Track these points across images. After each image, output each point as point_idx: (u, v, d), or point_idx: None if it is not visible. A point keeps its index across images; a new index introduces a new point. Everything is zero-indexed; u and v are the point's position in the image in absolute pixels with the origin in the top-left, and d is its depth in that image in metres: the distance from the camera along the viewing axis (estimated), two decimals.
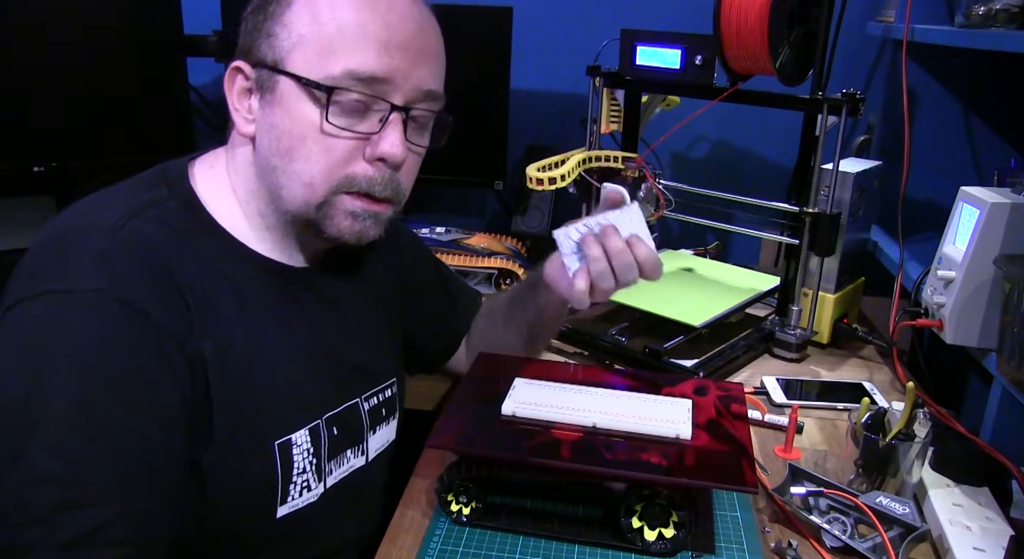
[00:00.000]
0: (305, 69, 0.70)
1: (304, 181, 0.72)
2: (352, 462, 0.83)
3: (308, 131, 0.71)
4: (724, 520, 0.84)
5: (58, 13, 1.32)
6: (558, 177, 1.15)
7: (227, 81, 0.73)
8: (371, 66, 0.70)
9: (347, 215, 0.74)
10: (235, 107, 0.74)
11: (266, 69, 0.71)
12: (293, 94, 0.71)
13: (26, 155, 1.34)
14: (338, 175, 0.73)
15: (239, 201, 0.77)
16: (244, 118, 0.74)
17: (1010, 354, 0.89)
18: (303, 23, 0.70)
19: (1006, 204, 0.95)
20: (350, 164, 0.73)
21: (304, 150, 0.71)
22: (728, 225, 1.29)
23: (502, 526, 0.82)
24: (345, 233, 0.75)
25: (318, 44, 0.69)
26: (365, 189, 0.74)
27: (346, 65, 0.69)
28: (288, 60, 0.70)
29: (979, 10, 1.12)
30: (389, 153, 0.72)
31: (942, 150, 1.40)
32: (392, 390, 0.90)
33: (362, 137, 0.72)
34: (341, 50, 0.69)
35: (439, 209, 1.82)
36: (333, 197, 0.73)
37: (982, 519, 0.83)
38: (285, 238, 0.79)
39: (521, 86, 1.61)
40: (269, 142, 0.73)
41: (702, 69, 1.17)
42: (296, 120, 0.71)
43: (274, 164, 0.73)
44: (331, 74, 0.69)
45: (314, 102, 0.70)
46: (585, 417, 0.84)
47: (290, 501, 0.75)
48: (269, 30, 0.71)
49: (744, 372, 1.20)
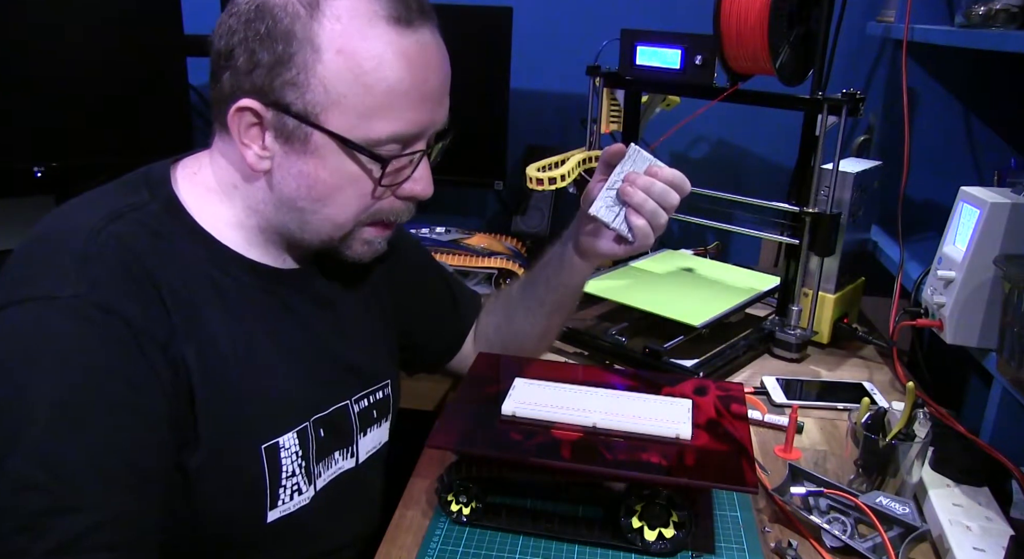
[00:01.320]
0: (346, 129, 0.70)
1: (336, 223, 0.75)
2: (341, 464, 0.83)
3: (347, 184, 0.73)
4: (724, 520, 0.84)
5: (58, 13, 1.32)
6: (558, 177, 1.15)
7: (233, 117, 0.70)
8: (411, 126, 0.72)
9: (364, 243, 0.78)
10: (244, 142, 0.71)
11: (292, 117, 0.69)
12: (331, 150, 0.71)
13: (26, 155, 1.34)
14: (368, 213, 0.76)
15: (234, 213, 0.76)
16: (258, 155, 0.72)
17: (1010, 354, 0.89)
18: (344, 81, 0.68)
19: (1006, 204, 0.95)
20: (380, 202, 0.76)
21: (341, 198, 0.73)
22: (728, 225, 1.29)
23: (502, 526, 0.82)
24: (362, 256, 0.79)
25: (361, 106, 0.69)
26: (391, 221, 0.78)
27: (391, 129, 0.71)
28: (324, 116, 0.69)
29: (979, 10, 1.12)
30: (422, 193, 0.77)
31: (942, 150, 1.40)
32: (385, 391, 0.90)
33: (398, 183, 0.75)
34: (383, 114, 0.70)
35: (439, 209, 1.82)
36: (357, 229, 0.77)
37: (982, 519, 0.83)
38: (278, 245, 0.79)
39: (521, 86, 1.61)
40: (297, 187, 0.73)
41: (702, 69, 1.17)
42: (334, 174, 0.72)
43: (300, 206, 0.74)
44: (373, 137, 0.70)
45: (357, 162, 0.72)
46: (585, 417, 0.84)
47: (281, 505, 0.75)
48: (295, 79, 0.68)
49: (744, 372, 1.20)
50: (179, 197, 0.75)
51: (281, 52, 0.67)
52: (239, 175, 0.75)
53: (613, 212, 0.87)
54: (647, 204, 0.85)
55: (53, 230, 0.70)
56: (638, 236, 0.87)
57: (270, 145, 0.72)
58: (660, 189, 0.86)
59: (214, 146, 0.77)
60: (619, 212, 0.87)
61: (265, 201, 0.75)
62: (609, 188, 0.87)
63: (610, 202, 0.87)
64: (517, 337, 1.02)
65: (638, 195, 0.85)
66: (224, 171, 0.76)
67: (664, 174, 0.86)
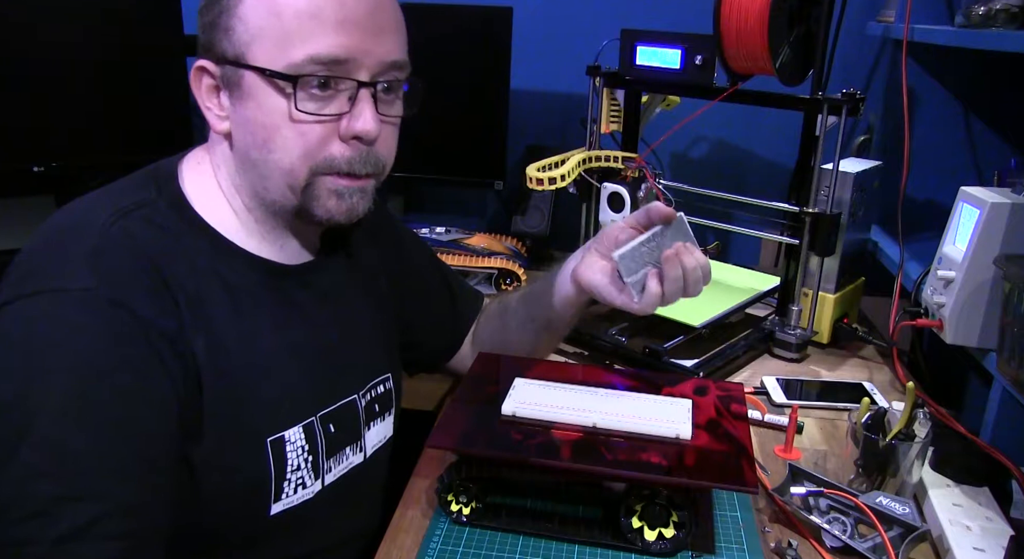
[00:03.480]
0: (267, 61, 0.70)
1: (284, 169, 0.73)
2: (351, 459, 0.84)
3: (280, 121, 0.72)
4: (724, 520, 0.84)
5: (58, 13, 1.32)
6: (558, 177, 1.15)
7: (193, 81, 0.74)
8: (331, 49, 0.70)
9: (332, 194, 0.75)
10: (206, 106, 0.74)
11: (229, 65, 0.72)
12: (259, 87, 0.71)
13: (26, 155, 1.34)
14: (317, 158, 0.73)
15: (226, 198, 0.77)
16: (217, 116, 0.74)
17: (1010, 354, 0.89)
18: (259, 15, 0.70)
19: (1006, 204, 0.95)
20: (326, 146, 0.73)
21: (280, 139, 0.72)
22: (728, 225, 1.29)
23: (502, 526, 0.82)
24: (334, 213, 0.76)
25: (277, 34, 0.70)
26: (345, 169, 0.74)
27: (306, 51, 0.69)
28: (249, 53, 0.71)
29: (979, 10, 1.12)
30: (363, 131, 0.73)
31: (942, 150, 1.40)
32: (387, 385, 0.90)
33: (334, 119, 0.73)
34: (299, 37, 0.69)
35: (439, 209, 1.82)
36: (315, 179, 0.74)
37: (982, 519, 0.83)
38: (275, 231, 0.79)
39: (521, 86, 1.61)
40: (245, 137, 0.74)
41: (702, 69, 1.17)
42: (267, 112, 0.71)
43: (253, 157, 0.74)
44: (293, 62, 0.70)
45: (281, 92, 0.71)
46: (585, 417, 0.84)
47: (284, 498, 0.75)
48: (225, 25, 0.71)
49: (744, 372, 1.20)
50: (185, 192, 0.76)
51: (216, 7, 0.71)
52: (218, 149, 0.77)
53: (633, 268, 0.85)
54: (678, 282, 0.84)
55: (62, 226, 0.70)
56: (645, 301, 0.85)
57: (224, 102, 0.74)
58: (699, 276, 0.85)
59: (209, 137, 0.79)
60: (639, 271, 0.85)
61: (237, 168, 0.76)
62: (643, 244, 0.85)
63: (637, 256, 0.85)
64: (509, 348, 1.02)
65: (675, 270, 0.84)
66: (213, 154, 0.78)
67: (702, 259, 0.85)
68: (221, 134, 0.75)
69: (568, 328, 1.01)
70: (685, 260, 0.84)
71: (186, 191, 0.76)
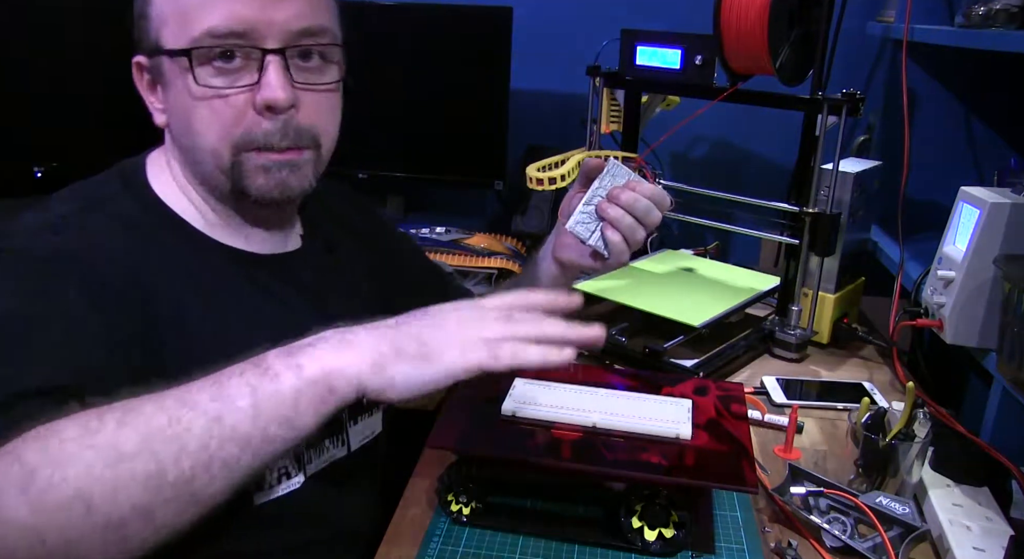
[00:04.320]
0: (172, 42, 0.70)
1: (207, 151, 0.73)
2: (332, 452, 0.83)
3: (192, 102, 0.71)
4: (724, 520, 0.84)
5: (58, 14, 1.32)
6: (558, 177, 1.15)
7: (135, 78, 0.75)
8: (227, 21, 0.69)
9: (259, 171, 0.73)
10: (149, 100, 0.75)
11: (150, 55, 0.73)
12: (173, 71, 0.71)
13: (26, 155, 1.34)
14: (235, 135, 0.72)
15: (182, 190, 0.78)
16: (157, 109, 0.75)
17: (1010, 354, 0.89)
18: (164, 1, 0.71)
19: (1006, 204, 0.95)
20: (242, 121, 0.72)
21: (197, 120, 0.72)
22: (728, 225, 1.29)
23: (502, 526, 0.82)
24: (264, 189, 0.74)
25: (177, 14, 0.70)
26: (263, 142, 0.72)
27: (203, 26, 0.69)
28: (160, 39, 0.71)
29: (979, 10, 1.12)
30: (271, 98, 0.71)
31: (942, 150, 1.40)
32: None
33: (243, 91, 0.71)
34: (196, 14, 0.69)
35: (439, 209, 1.82)
36: (240, 156, 0.73)
37: (982, 519, 0.83)
38: (234, 218, 0.79)
39: (521, 86, 1.61)
40: (175, 124, 0.74)
41: (702, 69, 1.17)
42: (182, 94, 0.71)
43: (184, 144, 0.74)
44: (192, 38, 0.70)
45: (187, 70, 0.70)
46: (585, 417, 0.84)
47: (268, 488, 0.75)
48: (144, 13, 0.72)
49: (744, 372, 1.20)
50: (152, 186, 0.76)
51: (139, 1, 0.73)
52: (169, 142, 0.77)
53: (589, 228, 0.87)
54: (624, 219, 0.85)
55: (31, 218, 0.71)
56: (613, 252, 0.87)
57: (160, 94, 0.75)
58: (644, 206, 0.86)
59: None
60: (596, 228, 0.87)
61: (179, 160, 0.77)
62: (587, 203, 0.87)
63: (586, 218, 0.87)
64: None
65: (615, 210, 0.85)
66: (168, 146, 0.78)
67: (645, 189, 0.86)
68: (162, 127, 0.76)
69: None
70: (622, 198, 0.85)
71: (152, 185, 0.77)
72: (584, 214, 0.87)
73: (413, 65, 1.52)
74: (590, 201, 0.87)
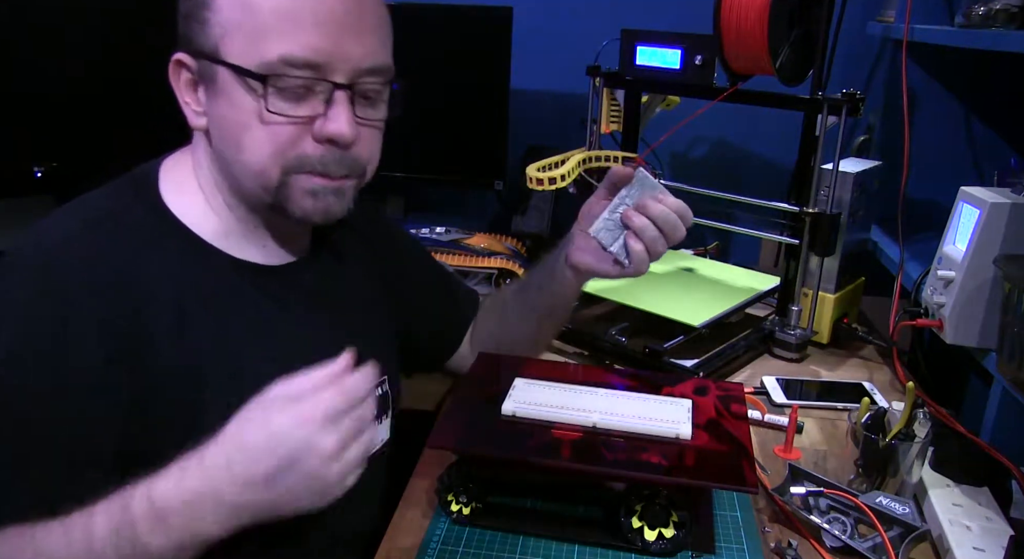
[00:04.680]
0: (240, 57, 0.68)
1: (255, 169, 0.72)
2: None
3: (250, 120, 0.70)
4: (724, 520, 0.84)
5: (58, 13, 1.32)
6: (558, 177, 1.15)
7: (172, 74, 0.72)
8: (305, 51, 0.68)
9: (306, 194, 0.73)
10: (184, 101, 0.72)
11: (204, 59, 0.70)
12: (231, 84, 0.70)
13: (26, 155, 1.34)
14: (288, 157, 0.72)
15: (206, 197, 0.76)
16: (194, 111, 0.73)
17: (1010, 354, 0.89)
18: (233, 8, 0.68)
19: (1006, 204, 0.95)
20: (299, 145, 0.72)
21: (250, 138, 0.71)
22: (728, 225, 1.29)
23: (502, 526, 0.82)
24: (310, 212, 0.74)
25: (250, 30, 0.68)
26: (319, 169, 0.73)
27: (280, 51, 0.68)
28: (222, 48, 0.69)
29: (979, 10, 1.12)
30: (337, 134, 0.71)
31: (942, 150, 1.40)
32: (383, 388, 0.89)
33: (307, 120, 0.71)
34: (273, 35, 0.68)
35: (439, 209, 1.82)
36: (288, 178, 0.72)
37: (982, 519, 0.83)
38: (257, 229, 0.78)
39: (521, 86, 1.61)
40: (219, 134, 0.72)
41: (702, 69, 1.17)
42: (239, 110, 0.70)
43: (227, 156, 0.73)
44: (266, 61, 0.68)
45: (252, 91, 0.69)
46: (585, 417, 0.84)
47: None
48: (201, 16, 0.69)
49: (744, 372, 1.20)
50: (163, 196, 0.75)
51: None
52: (199, 147, 0.76)
53: (613, 235, 0.86)
54: (649, 231, 0.84)
55: (31, 240, 0.70)
56: (634, 261, 0.85)
57: (201, 97, 0.72)
58: (673, 221, 0.84)
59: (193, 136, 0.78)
60: (619, 236, 0.86)
61: (214, 166, 0.75)
62: (612, 211, 0.86)
63: (611, 225, 0.86)
64: (510, 342, 1.02)
65: (641, 220, 0.84)
66: (194, 152, 0.77)
67: (672, 203, 0.85)
68: (199, 130, 0.74)
69: (563, 322, 1.02)
70: (651, 210, 0.84)
71: (164, 194, 0.75)
72: (609, 221, 0.86)
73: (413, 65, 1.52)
74: (616, 209, 0.85)
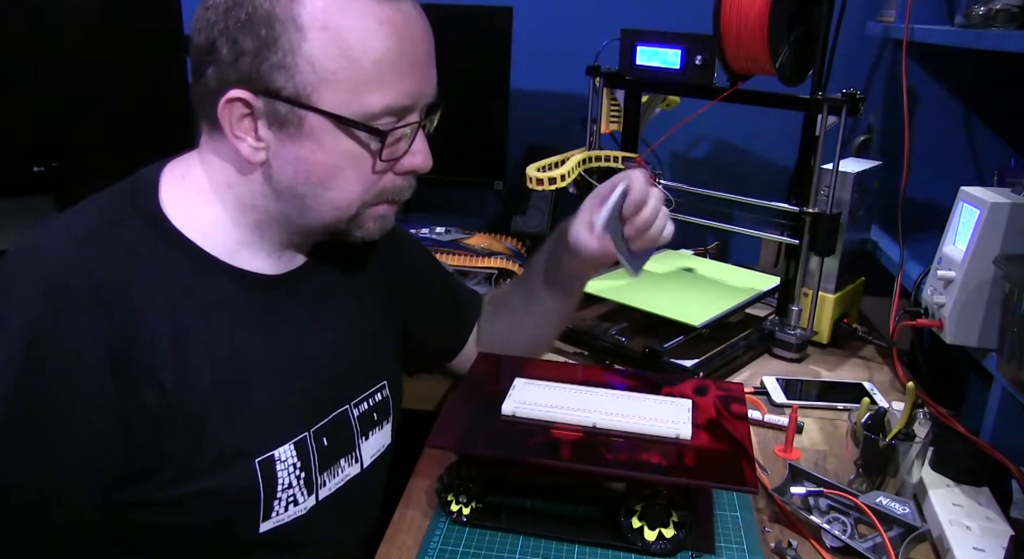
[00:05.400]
0: (339, 106, 0.69)
1: (339, 206, 0.74)
2: (347, 471, 0.82)
3: (347, 163, 0.72)
4: (724, 520, 0.84)
5: (58, 13, 1.32)
6: (558, 177, 1.15)
7: (223, 111, 0.70)
8: (402, 98, 0.71)
9: (375, 220, 0.78)
10: (237, 135, 0.70)
11: (283, 102, 0.69)
12: (326, 130, 0.70)
13: (26, 155, 1.34)
14: (373, 192, 0.75)
15: (226, 212, 0.75)
16: (252, 147, 0.71)
17: (1010, 354, 0.89)
18: (331, 58, 0.67)
19: (1006, 204, 0.95)
20: (383, 180, 0.75)
21: (341, 180, 0.73)
22: (728, 225, 1.29)
23: (502, 526, 0.82)
24: (372, 233, 0.79)
25: (351, 81, 0.68)
26: (397, 198, 0.78)
27: (384, 101, 0.70)
28: (316, 96, 0.68)
29: (979, 10, 1.12)
30: (422, 166, 0.76)
31: (942, 150, 1.40)
32: (384, 393, 0.89)
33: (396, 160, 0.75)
34: (376, 85, 0.69)
35: (439, 209, 1.82)
36: (363, 209, 0.76)
37: (982, 519, 0.83)
38: (274, 245, 0.78)
39: (521, 86, 1.61)
40: (295, 173, 0.72)
41: (702, 69, 1.17)
42: (333, 155, 0.71)
43: (301, 192, 0.73)
44: (368, 111, 0.70)
45: (355, 139, 0.71)
46: (585, 417, 0.84)
47: (274, 516, 0.74)
48: (282, 61, 0.67)
49: (744, 372, 1.20)
50: (163, 205, 0.73)
51: (265, 36, 0.67)
52: (234, 171, 0.74)
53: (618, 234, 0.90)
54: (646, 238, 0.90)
55: (27, 250, 0.69)
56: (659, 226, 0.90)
57: (264, 134, 0.71)
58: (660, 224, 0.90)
59: (203, 145, 0.76)
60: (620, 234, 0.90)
61: (264, 194, 0.74)
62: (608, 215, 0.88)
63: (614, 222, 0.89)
64: (518, 335, 1.02)
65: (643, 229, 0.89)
66: (216, 170, 0.75)
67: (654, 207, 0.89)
68: (255, 164, 0.72)
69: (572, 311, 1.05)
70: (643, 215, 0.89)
71: (165, 205, 0.74)
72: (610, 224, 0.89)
73: None
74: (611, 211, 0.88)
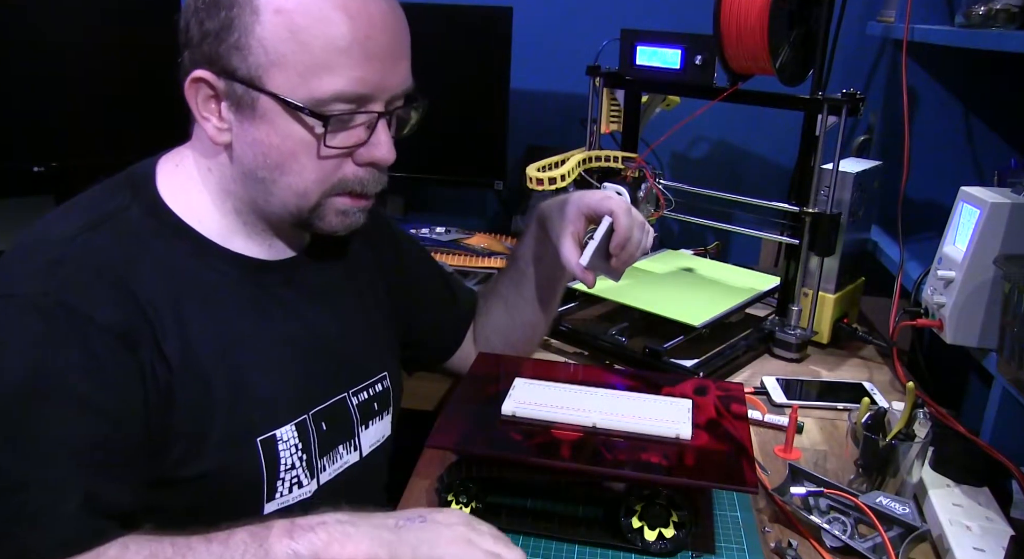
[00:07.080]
0: (288, 90, 0.69)
1: (297, 192, 0.74)
2: (346, 458, 0.83)
3: (298, 148, 0.72)
4: (724, 520, 0.84)
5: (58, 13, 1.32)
6: (558, 177, 1.15)
7: (189, 89, 0.72)
8: (355, 86, 0.70)
9: (338, 213, 0.77)
10: (203, 115, 0.72)
11: (239, 83, 0.70)
12: (278, 113, 0.70)
13: (26, 155, 1.34)
14: (331, 182, 0.74)
15: (211, 199, 0.77)
16: (216, 127, 0.73)
17: (1010, 354, 0.89)
18: (281, 40, 0.68)
19: (1006, 204, 0.95)
20: (341, 169, 0.74)
21: (296, 165, 0.72)
22: (728, 225, 1.29)
23: (502, 526, 0.82)
24: (337, 228, 0.78)
25: (300, 65, 0.68)
26: (359, 190, 0.76)
27: (334, 87, 0.69)
28: (267, 78, 0.69)
29: (979, 10, 1.12)
30: (382, 159, 0.75)
31: (942, 150, 1.40)
32: (384, 384, 0.90)
33: (355, 149, 0.74)
34: (326, 71, 0.69)
35: (439, 209, 1.82)
36: (325, 199, 0.75)
37: (982, 519, 0.83)
38: (264, 232, 0.79)
39: (521, 86, 1.61)
40: (252, 155, 0.73)
41: (702, 69, 1.17)
42: (285, 138, 0.71)
43: (261, 176, 0.73)
44: (317, 97, 0.69)
45: (302, 124, 0.71)
46: (585, 417, 0.84)
47: (279, 497, 0.75)
48: (238, 42, 0.69)
49: (744, 372, 1.20)
50: (160, 194, 0.76)
51: (224, 18, 0.69)
52: (210, 154, 0.76)
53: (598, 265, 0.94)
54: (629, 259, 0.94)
55: (32, 238, 0.71)
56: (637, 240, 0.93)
57: (226, 115, 0.72)
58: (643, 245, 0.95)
59: (193, 135, 0.78)
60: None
61: (233, 177, 0.75)
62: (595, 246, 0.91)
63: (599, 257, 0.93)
64: (521, 329, 1.04)
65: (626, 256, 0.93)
66: (200, 155, 0.77)
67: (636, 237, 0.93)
68: (220, 145, 0.74)
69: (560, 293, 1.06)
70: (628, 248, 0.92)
71: (163, 193, 0.76)
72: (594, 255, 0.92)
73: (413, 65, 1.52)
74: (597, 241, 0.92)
